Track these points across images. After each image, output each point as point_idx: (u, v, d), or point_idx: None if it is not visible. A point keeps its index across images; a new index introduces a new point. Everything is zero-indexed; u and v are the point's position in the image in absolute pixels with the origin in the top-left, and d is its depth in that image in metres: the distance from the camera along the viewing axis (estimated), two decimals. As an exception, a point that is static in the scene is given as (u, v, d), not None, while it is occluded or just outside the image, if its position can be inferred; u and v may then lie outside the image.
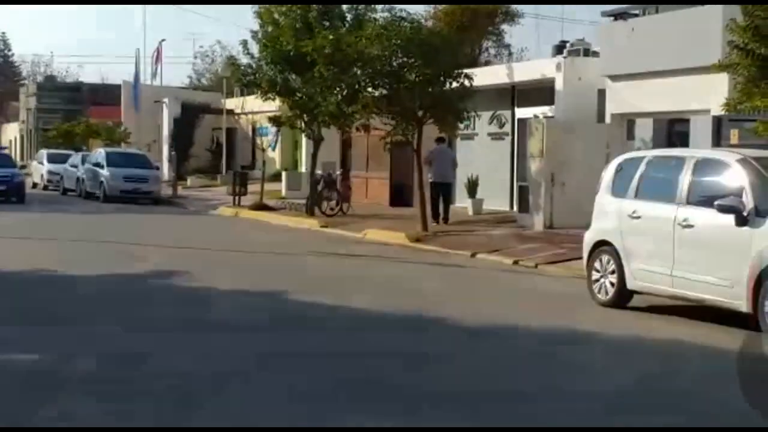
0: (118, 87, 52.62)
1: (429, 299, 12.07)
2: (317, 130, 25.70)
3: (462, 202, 24.34)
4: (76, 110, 57.75)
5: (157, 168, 34.89)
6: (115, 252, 16.52)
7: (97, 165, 32.77)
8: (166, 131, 45.20)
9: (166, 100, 45.72)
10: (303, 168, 33.82)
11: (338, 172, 27.35)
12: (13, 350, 8.51)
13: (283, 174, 33.68)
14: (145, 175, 31.91)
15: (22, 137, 66.97)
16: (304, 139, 32.78)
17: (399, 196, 27.18)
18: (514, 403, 7.12)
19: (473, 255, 17.12)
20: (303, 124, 26.22)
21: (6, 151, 39.59)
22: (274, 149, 39.20)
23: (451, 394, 7.28)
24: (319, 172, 26.17)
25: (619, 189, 11.90)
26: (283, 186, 32.37)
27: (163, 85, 49.67)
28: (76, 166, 35.60)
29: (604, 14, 21.47)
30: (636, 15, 21.18)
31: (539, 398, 7.28)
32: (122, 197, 30.69)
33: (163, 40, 49.90)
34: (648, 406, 7.14)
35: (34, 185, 39.90)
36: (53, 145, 46.70)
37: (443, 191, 22.21)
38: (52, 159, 40.18)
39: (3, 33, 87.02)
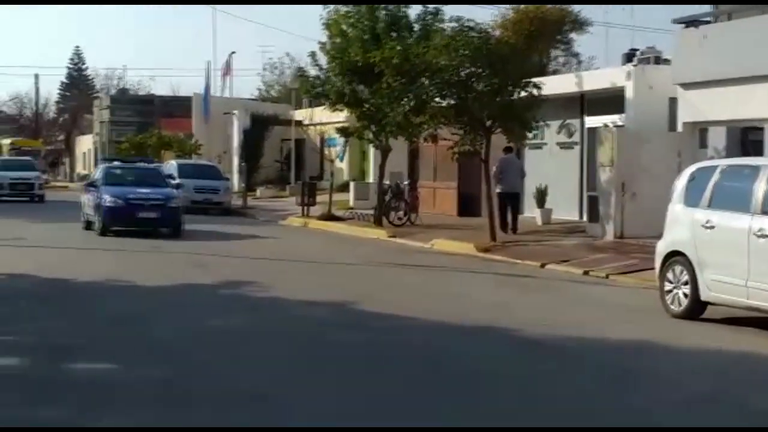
0: (189, 99, 53.36)
1: (499, 310, 12.00)
2: (385, 141, 25.77)
3: (530, 212, 24.18)
4: (148, 122, 58.70)
5: (228, 179, 35.29)
6: (186, 262, 16.73)
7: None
8: (235, 142, 45.70)
9: (235, 111, 46.25)
10: (371, 178, 33.90)
11: (406, 183, 27.36)
12: (85, 358, 8.67)
13: (351, 184, 33.81)
14: (216, 186, 32.37)
15: (95, 149, 68.31)
16: (372, 150, 32.86)
17: (467, 206, 27.10)
18: (587, 420, 7.04)
19: (543, 265, 16.99)
20: (371, 135, 26.31)
21: (156, 164, 29.64)
22: (342, 160, 39.42)
23: (524, 411, 7.23)
24: (387, 182, 26.24)
25: (692, 198, 11.72)
26: (351, 196, 32.49)
27: (233, 97, 50.21)
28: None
29: (675, 21, 21.10)
30: (708, 22, 20.83)
31: (613, 415, 7.19)
32: (193, 208, 31.02)
33: (233, 52, 50.65)
34: (724, 421, 7.00)
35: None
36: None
37: (511, 201, 22.09)
38: (125, 171, 40.67)
39: (77, 47, 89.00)
